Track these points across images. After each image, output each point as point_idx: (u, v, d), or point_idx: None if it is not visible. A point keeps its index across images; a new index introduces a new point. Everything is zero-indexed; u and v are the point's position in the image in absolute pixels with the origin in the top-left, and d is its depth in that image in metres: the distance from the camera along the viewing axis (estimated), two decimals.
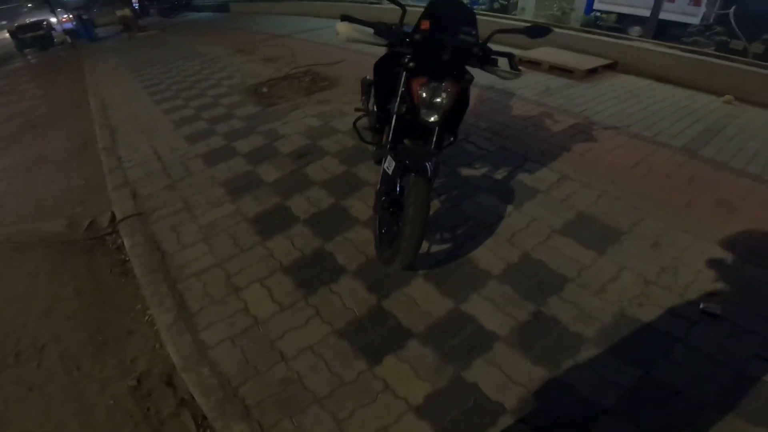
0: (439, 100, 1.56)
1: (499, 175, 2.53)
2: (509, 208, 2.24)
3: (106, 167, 3.10)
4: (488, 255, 1.95)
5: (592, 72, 4.24)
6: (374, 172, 2.57)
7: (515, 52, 1.78)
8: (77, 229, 2.60)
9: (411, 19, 1.75)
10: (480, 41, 1.59)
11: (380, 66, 1.86)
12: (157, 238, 2.26)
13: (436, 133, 1.67)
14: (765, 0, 5.47)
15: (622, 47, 4.51)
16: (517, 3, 6.65)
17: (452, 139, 1.82)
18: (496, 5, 6.69)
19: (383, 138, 2.10)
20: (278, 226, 2.24)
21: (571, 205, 2.24)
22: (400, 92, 1.66)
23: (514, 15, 6.29)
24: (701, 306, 1.65)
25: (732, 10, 5.05)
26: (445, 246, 2.03)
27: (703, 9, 7.71)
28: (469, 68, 1.62)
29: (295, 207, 2.37)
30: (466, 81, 1.60)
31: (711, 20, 7.58)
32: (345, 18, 1.72)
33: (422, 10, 1.65)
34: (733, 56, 4.18)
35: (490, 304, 1.72)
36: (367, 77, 2.92)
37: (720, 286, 1.74)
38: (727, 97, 3.79)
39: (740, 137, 3.02)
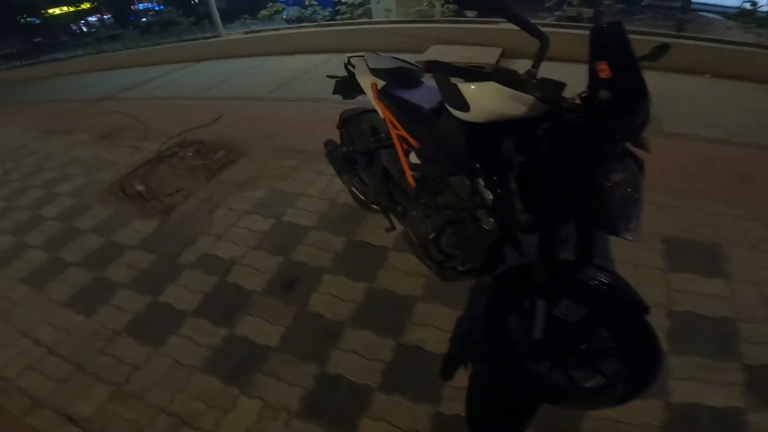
0: (636, 196, 0.97)
1: None
2: None
3: None
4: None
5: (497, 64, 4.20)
6: (402, 276, 1.88)
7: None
8: None
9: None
10: None
11: (477, 144, 1.14)
12: None
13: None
14: None
15: (506, 33, 4.60)
16: (369, 8, 6.31)
17: None
18: (356, 10, 6.16)
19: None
20: (355, 410, 1.40)
21: None
22: (550, 187, 1.00)
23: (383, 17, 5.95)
24: None
25: None
26: None
27: None
28: None
29: (348, 371, 1.53)
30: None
31: None
32: (465, 73, 1.03)
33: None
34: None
35: None
36: (334, 145, 2.14)
37: None
38: None
39: (672, 103, 3.28)
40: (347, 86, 1.92)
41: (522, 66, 1.07)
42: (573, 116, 0.95)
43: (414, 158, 1.58)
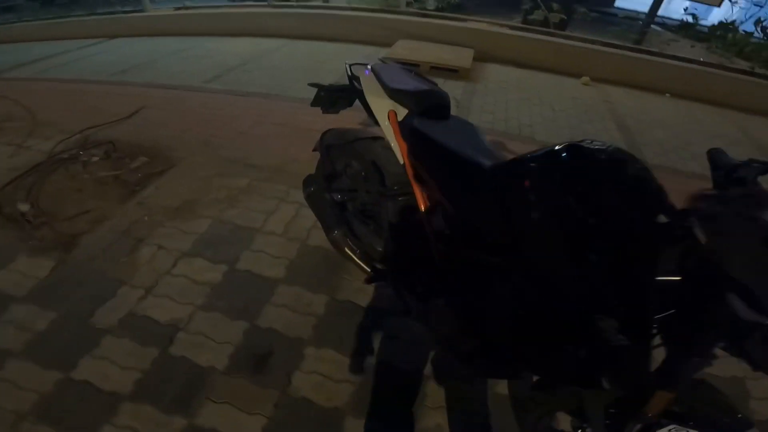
0: None
1: None
2: None
3: None
4: None
5: None
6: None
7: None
8: None
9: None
10: None
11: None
12: None
13: None
14: None
15: (477, 33, 4.47)
16: None
17: None
18: None
19: None
20: None
21: None
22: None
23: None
24: None
25: None
26: None
27: None
28: None
29: None
30: None
31: None
32: None
33: None
34: (577, 36, 4.69)
35: None
36: (319, 185, 1.73)
37: None
38: (585, 79, 4.25)
39: (645, 128, 3.35)
40: (333, 98, 1.56)
41: (495, 71, 0.81)
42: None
43: (439, 221, 1.22)
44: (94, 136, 2.89)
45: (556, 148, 0.89)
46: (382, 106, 1.31)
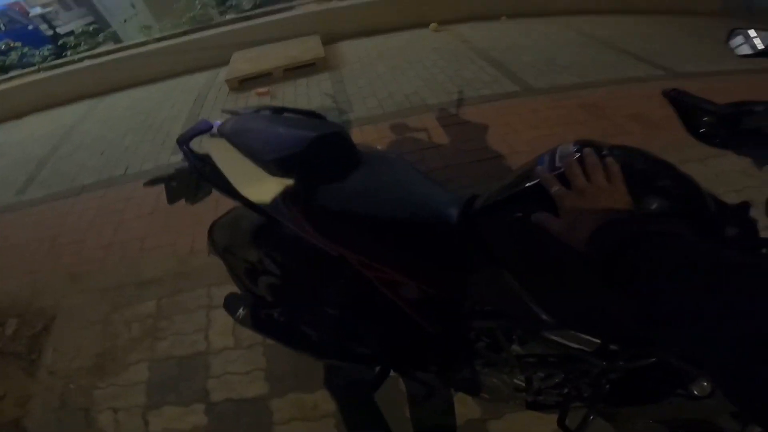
0: None
1: None
2: None
3: None
4: None
5: None
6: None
7: None
8: None
9: None
10: None
11: None
12: None
13: None
14: None
15: (313, 16, 4.17)
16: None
17: None
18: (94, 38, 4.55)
19: None
20: None
21: None
22: None
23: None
24: None
25: None
26: None
27: None
28: None
29: None
30: None
31: None
32: None
33: None
34: None
35: None
36: (253, 303, 1.34)
37: None
38: (433, 25, 4.34)
39: (511, 56, 3.49)
40: (190, 183, 1.14)
41: (350, 49, 0.68)
42: None
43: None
44: None
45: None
46: (263, 189, 0.92)
